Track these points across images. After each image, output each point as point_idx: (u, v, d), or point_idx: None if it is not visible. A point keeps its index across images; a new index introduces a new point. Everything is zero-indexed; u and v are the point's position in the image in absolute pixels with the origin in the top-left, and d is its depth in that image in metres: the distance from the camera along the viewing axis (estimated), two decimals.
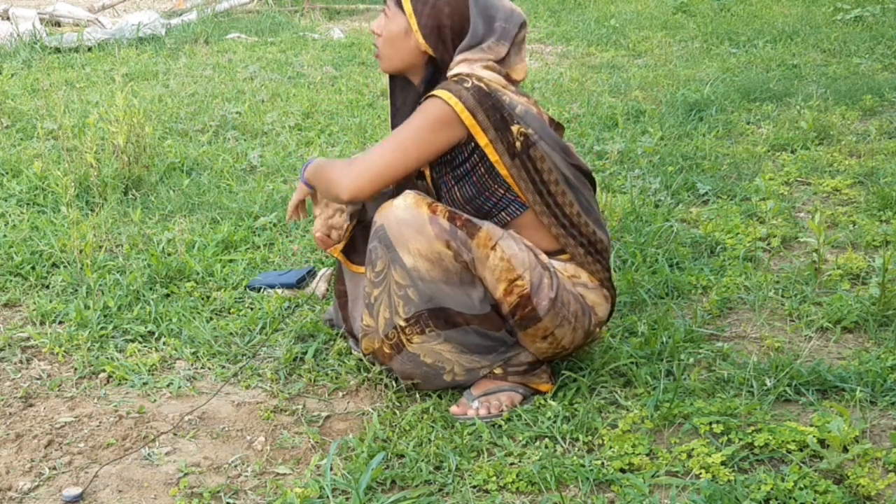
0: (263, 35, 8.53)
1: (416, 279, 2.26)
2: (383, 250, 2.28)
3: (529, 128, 2.30)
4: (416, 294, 2.27)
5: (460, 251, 2.25)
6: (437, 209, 2.27)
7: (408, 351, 2.35)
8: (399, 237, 2.25)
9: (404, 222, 2.25)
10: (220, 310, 3.01)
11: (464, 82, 2.27)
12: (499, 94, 2.29)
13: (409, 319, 2.30)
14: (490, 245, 2.27)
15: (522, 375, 2.42)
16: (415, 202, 2.27)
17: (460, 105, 2.25)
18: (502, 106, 2.28)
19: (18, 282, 3.20)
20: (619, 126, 5.02)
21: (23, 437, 2.31)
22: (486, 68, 2.31)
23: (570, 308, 2.37)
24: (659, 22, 8.70)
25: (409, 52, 2.36)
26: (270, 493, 2.10)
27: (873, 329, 2.74)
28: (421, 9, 2.32)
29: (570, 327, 2.38)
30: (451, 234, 2.25)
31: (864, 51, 6.91)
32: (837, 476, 2.06)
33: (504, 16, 2.35)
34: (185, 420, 2.39)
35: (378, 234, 2.28)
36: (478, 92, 2.26)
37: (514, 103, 2.30)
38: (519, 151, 2.29)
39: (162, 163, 4.37)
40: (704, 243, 3.42)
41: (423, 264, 2.25)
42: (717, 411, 2.30)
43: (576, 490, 2.07)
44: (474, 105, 2.25)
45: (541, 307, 2.31)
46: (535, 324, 2.33)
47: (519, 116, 2.30)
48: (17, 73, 6.62)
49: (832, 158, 4.38)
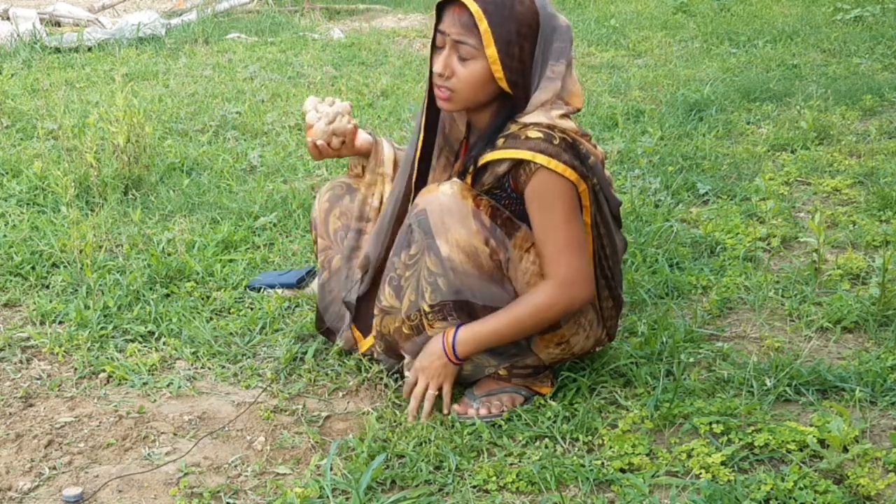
0: (263, 35, 8.52)
1: (449, 269, 2.23)
2: (420, 235, 2.24)
3: (596, 178, 2.27)
4: (446, 284, 2.25)
5: (497, 249, 2.24)
6: (481, 203, 2.24)
7: (426, 335, 2.34)
8: (439, 225, 2.22)
9: (448, 210, 2.22)
10: (220, 310, 3.01)
11: (551, 139, 2.18)
12: (578, 144, 2.23)
13: (434, 307, 2.28)
14: (526, 247, 2.26)
15: (526, 378, 2.42)
16: (461, 191, 2.23)
17: (562, 166, 2.17)
18: (584, 158, 2.22)
19: (18, 282, 3.20)
20: (619, 126, 5.02)
21: (23, 437, 2.31)
22: (562, 116, 2.22)
23: (587, 316, 2.38)
24: (659, 22, 8.69)
25: (489, 92, 2.24)
26: (270, 493, 2.10)
27: (873, 329, 2.74)
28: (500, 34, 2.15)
29: (584, 335, 2.40)
30: (492, 231, 2.24)
31: (864, 51, 6.91)
32: (837, 476, 2.06)
33: (560, 35, 2.24)
34: (185, 420, 2.39)
35: (418, 217, 2.24)
36: (567, 147, 2.19)
37: (587, 154, 2.23)
38: (588, 204, 2.27)
39: (162, 163, 4.37)
40: (704, 243, 3.42)
41: (458, 255, 2.22)
42: (717, 411, 2.30)
43: (576, 490, 2.07)
44: (570, 161, 2.18)
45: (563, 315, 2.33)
46: (553, 330, 2.34)
47: (590, 168, 2.24)
48: (17, 73, 6.62)
49: (832, 158, 4.38)
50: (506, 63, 2.19)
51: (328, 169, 4.40)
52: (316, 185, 4.15)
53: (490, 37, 2.16)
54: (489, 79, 2.21)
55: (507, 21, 2.16)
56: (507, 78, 2.20)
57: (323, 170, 4.41)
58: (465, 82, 2.23)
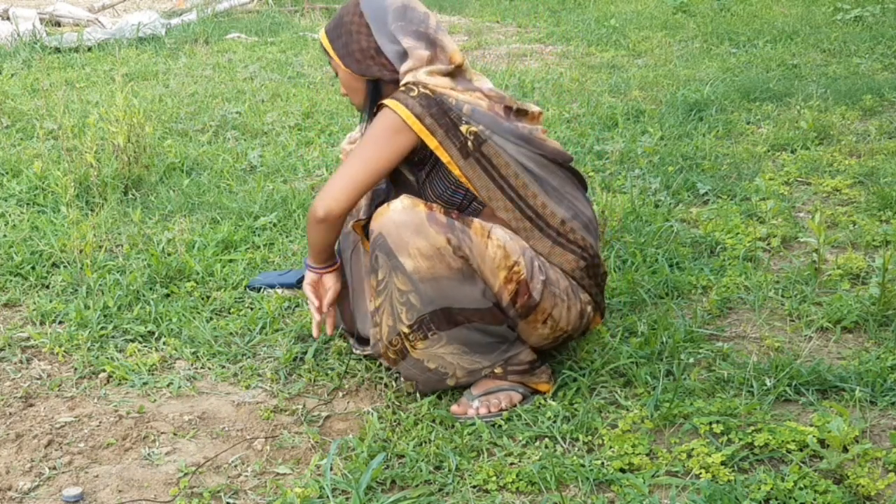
0: (263, 35, 8.53)
1: (418, 281, 2.27)
2: (384, 259, 2.30)
3: (479, 125, 2.35)
4: (418, 298, 2.29)
5: (461, 244, 2.27)
6: (433, 207, 2.31)
7: (412, 357, 2.37)
8: (398, 242, 2.27)
9: (402, 224, 2.27)
10: (220, 310, 3.01)
11: (410, 91, 2.36)
12: (444, 97, 2.35)
13: (413, 325, 2.32)
14: (486, 234, 2.30)
15: (522, 375, 2.42)
16: (411, 203, 2.30)
17: (406, 111, 2.33)
18: (449, 108, 2.34)
19: (18, 282, 3.20)
20: (619, 126, 5.02)
21: (23, 437, 2.31)
22: (430, 74, 2.38)
23: (560, 286, 2.40)
24: (659, 22, 8.70)
25: (364, 88, 2.48)
26: (270, 493, 2.10)
27: (873, 329, 2.74)
28: (338, 47, 2.47)
29: (565, 305, 2.40)
30: (450, 226, 2.27)
31: (864, 51, 6.91)
32: (837, 476, 2.06)
33: (399, 13, 2.43)
34: (185, 420, 2.39)
35: (377, 242, 2.31)
36: (424, 98, 2.34)
37: (460, 104, 2.36)
38: (472, 150, 2.35)
39: (162, 163, 4.37)
40: (704, 243, 3.42)
41: (424, 264, 2.26)
42: (717, 411, 2.30)
43: (576, 490, 2.07)
44: (421, 111, 2.32)
45: (536, 290, 2.34)
46: (534, 309, 2.35)
47: (467, 116, 2.35)
48: (17, 73, 6.62)
49: (832, 158, 4.38)
50: (350, 63, 2.45)
51: (328, 169, 4.40)
52: (316, 185, 4.15)
53: (333, 52, 2.48)
54: (356, 80, 2.48)
55: (341, 35, 2.46)
56: (358, 70, 2.45)
57: (323, 170, 4.41)
58: (347, 89, 2.52)
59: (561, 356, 2.60)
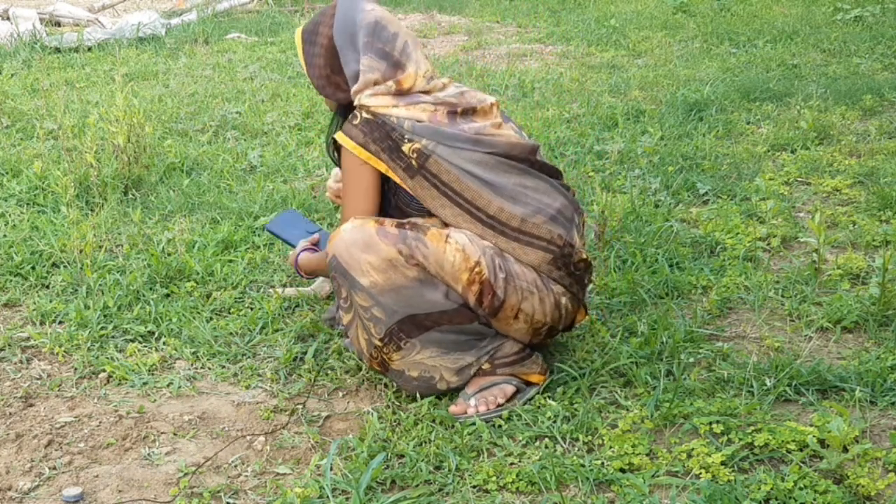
0: (263, 35, 8.53)
1: (377, 295, 2.30)
2: (342, 279, 2.35)
3: (422, 139, 2.35)
4: (381, 311, 2.32)
5: (413, 252, 2.28)
6: (383, 221, 2.33)
7: (392, 369, 2.40)
8: (350, 261, 2.31)
9: (352, 243, 2.31)
10: (220, 310, 3.01)
11: (353, 118, 2.40)
12: (385, 117, 2.37)
13: (384, 339, 2.36)
14: (443, 238, 2.31)
15: (511, 366, 2.43)
16: (361, 222, 2.33)
17: (351, 143, 2.38)
18: (392, 128, 2.36)
19: (18, 282, 3.20)
20: (619, 126, 5.02)
21: (23, 437, 2.31)
22: (372, 95, 2.40)
23: (525, 278, 2.38)
24: (659, 22, 8.69)
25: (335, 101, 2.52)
26: (270, 493, 2.10)
27: (873, 329, 2.74)
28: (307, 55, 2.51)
29: (536, 298, 2.39)
30: (401, 238, 2.29)
31: (864, 51, 6.91)
32: (837, 476, 2.06)
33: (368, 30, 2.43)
34: (185, 420, 2.39)
35: (332, 265, 2.36)
36: (365, 124, 2.37)
37: (401, 121, 2.37)
38: (416, 168, 2.35)
39: (162, 163, 4.37)
40: (704, 243, 3.42)
41: (379, 277, 2.29)
42: (717, 411, 2.30)
43: (576, 490, 2.07)
44: (364, 139, 2.36)
45: (499, 288, 2.34)
46: (501, 306, 2.35)
47: (408, 132, 2.36)
48: (17, 73, 6.62)
49: (832, 158, 4.38)
50: (313, 78, 2.52)
51: (328, 169, 4.40)
52: (316, 185, 4.15)
53: (302, 58, 2.53)
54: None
55: (311, 44, 2.50)
56: (318, 88, 2.52)
57: (323, 170, 4.41)
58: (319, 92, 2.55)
59: (561, 356, 2.61)
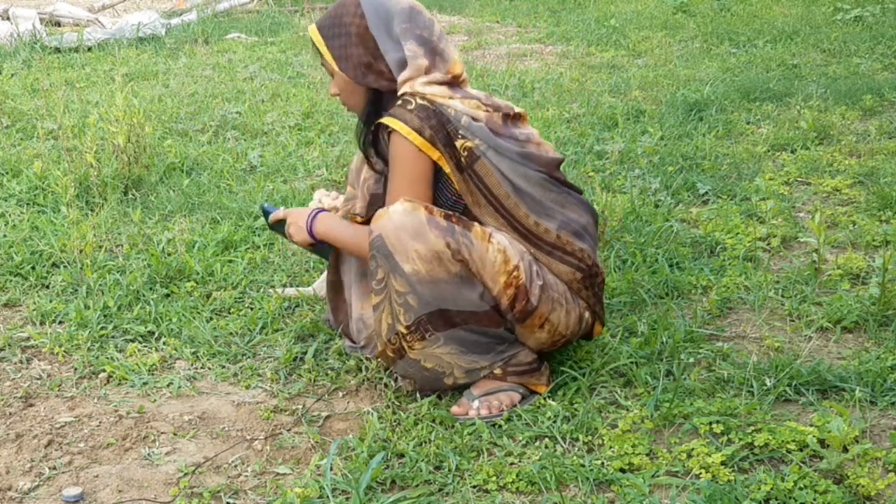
0: (263, 35, 8.53)
1: (416, 283, 2.27)
2: (383, 260, 2.29)
3: (476, 139, 2.34)
4: (416, 299, 2.28)
5: (460, 248, 2.26)
6: (433, 210, 2.29)
7: (409, 357, 2.37)
8: (397, 244, 2.26)
9: (402, 227, 2.26)
10: (220, 310, 3.01)
11: (407, 104, 2.34)
12: (443, 108, 2.33)
13: (410, 326, 2.31)
14: (486, 237, 2.30)
15: (521, 376, 2.42)
16: (411, 206, 2.28)
17: (406, 128, 2.31)
18: (448, 121, 2.33)
19: (18, 282, 3.20)
20: (619, 126, 5.02)
21: (23, 437, 2.31)
22: (427, 83, 2.35)
23: (558, 290, 2.40)
24: (659, 22, 8.69)
25: (361, 93, 2.45)
26: (270, 493, 2.10)
27: (873, 329, 2.74)
28: (334, 48, 2.42)
29: (563, 310, 2.40)
30: (450, 231, 2.27)
31: (864, 51, 6.91)
32: (837, 476, 2.06)
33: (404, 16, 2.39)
34: (185, 420, 2.39)
35: (376, 244, 2.30)
36: (421, 110, 2.32)
37: (458, 115, 2.34)
38: (465, 166, 2.34)
39: (162, 163, 4.37)
40: (704, 243, 3.42)
41: (422, 267, 2.26)
42: (717, 411, 2.30)
43: (576, 490, 2.07)
44: (419, 124, 2.31)
45: (534, 296, 2.34)
46: (532, 313, 2.35)
47: (464, 129, 2.33)
48: (17, 73, 6.62)
49: (832, 158, 4.38)
50: (347, 69, 2.42)
51: (328, 169, 4.40)
52: (316, 185, 4.15)
53: (328, 53, 2.44)
54: (351, 83, 2.44)
55: (337, 36, 2.42)
56: (355, 78, 2.43)
57: (323, 170, 4.41)
58: (342, 92, 2.49)
59: (561, 356, 2.60)
